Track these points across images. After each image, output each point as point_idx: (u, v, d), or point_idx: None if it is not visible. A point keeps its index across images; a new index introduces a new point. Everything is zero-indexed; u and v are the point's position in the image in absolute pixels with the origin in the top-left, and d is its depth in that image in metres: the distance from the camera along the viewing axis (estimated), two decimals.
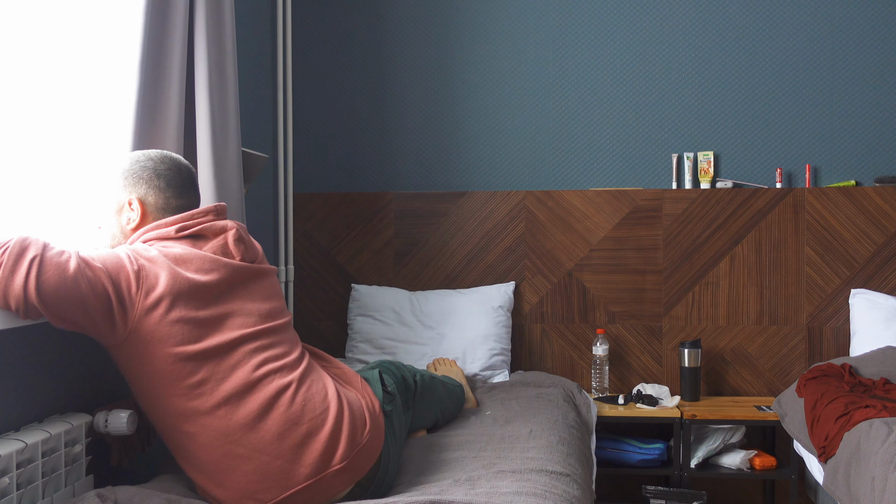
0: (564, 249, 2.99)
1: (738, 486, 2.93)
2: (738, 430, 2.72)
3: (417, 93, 3.11)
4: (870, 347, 2.63)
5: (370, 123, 3.13)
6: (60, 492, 1.50)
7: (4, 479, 1.33)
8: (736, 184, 2.96)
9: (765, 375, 2.91)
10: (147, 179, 1.59)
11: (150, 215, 1.58)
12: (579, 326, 3.00)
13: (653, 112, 3.02)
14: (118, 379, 1.84)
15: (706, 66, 3.00)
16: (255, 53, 2.78)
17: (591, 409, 2.59)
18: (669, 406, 2.72)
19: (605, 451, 2.73)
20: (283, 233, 2.97)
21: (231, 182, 2.14)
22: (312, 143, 3.15)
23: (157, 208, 1.59)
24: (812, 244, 2.89)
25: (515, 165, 3.08)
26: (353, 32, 3.14)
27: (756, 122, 2.98)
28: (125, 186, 1.59)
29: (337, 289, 3.08)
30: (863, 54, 2.92)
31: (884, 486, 1.78)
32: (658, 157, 3.03)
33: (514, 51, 3.07)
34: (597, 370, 2.88)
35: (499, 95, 3.08)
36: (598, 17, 3.04)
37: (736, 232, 2.92)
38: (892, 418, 1.99)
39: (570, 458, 1.85)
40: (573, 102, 3.06)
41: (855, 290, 2.83)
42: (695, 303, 2.94)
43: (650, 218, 2.95)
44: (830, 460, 2.08)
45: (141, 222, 1.58)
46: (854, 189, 2.87)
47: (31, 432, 1.44)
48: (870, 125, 2.92)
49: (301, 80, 3.14)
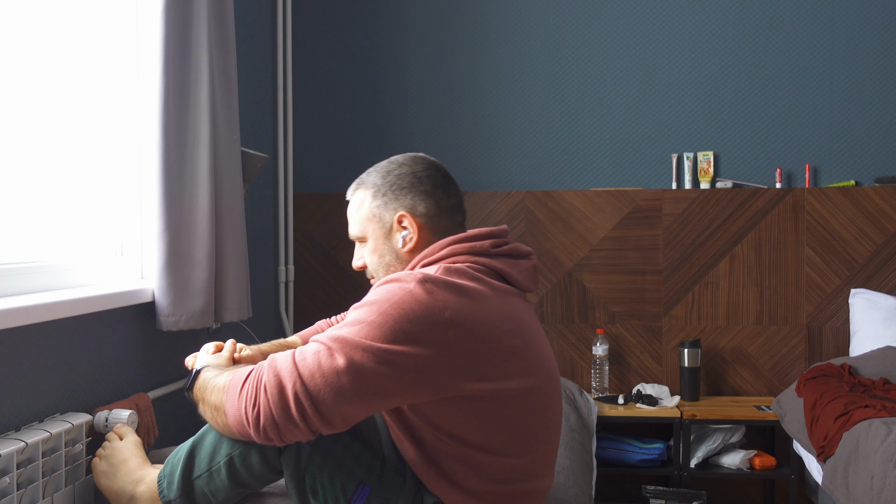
0: (564, 249, 2.99)
1: (738, 486, 2.93)
2: (737, 429, 2.72)
3: (417, 93, 3.11)
4: (869, 347, 2.63)
5: (370, 123, 3.13)
6: (60, 492, 1.50)
7: (4, 479, 1.33)
8: (736, 184, 2.96)
9: (764, 375, 2.91)
10: (410, 186, 1.37)
11: (426, 227, 1.37)
12: (579, 326, 3.00)
13: (653, 112, 3.02)
14: (118, 379, 1.84)
15: (706, 66, 3.00)
16: (255, 53, 2.78)
17: (592, 412, 2.59)
18: (669, 406, 2.73)
19: (605, 451, 2.73)
20: (283, 233, 2.98)
21: (231, 182, 2.15)
22: (312, 143, 3.15)
23: (430, 216, 1.37)
24: (812, 244, 2.89)
25: (515, 165, 3.08)
26: (353, 32, 3.14)
27: (756, 121, 2.98)
28: (387, 203, 1.38)
29: (337, 289, 3.08)
30: (863, 54, 2.92)
31: (882, 484, 1.78)
32: (658, 157, 3.03)
33: (514, 51, 3.07)
34: (597, 370, 2.88)
35: (499, 95, 3.08)
36: (598, 17, 3.04)
37: (736, 232, 2.92)
38: (891, 418, 1.99)
39: (572, 462, 1.85)
40: (573, 102, 3.06)
41: (855, 290, 2.83)
42: (695, 303, 2.94)
43: (650, 218, 2.95)
44: (830, 460, 2.09)
45: (420, 237, 1.36)
46: (854, 189, 2.87)
47: (31, 432, 1.44)
48: (870, 125, 2.92)
49: (301, 80, 3.14)
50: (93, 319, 1.74)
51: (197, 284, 1.97)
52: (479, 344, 1.19)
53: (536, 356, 1.28)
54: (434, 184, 1.38)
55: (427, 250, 1.33)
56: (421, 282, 1.18)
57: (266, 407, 1.16)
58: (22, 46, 1.66)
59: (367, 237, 1.41)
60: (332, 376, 1.13)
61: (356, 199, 1.43)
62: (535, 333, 1.31)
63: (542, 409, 1.29)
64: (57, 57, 1.78)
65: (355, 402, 1.15)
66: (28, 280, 1.63)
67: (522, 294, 1.36)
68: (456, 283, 1.21)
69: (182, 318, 1.93)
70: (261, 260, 2.81)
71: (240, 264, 2.18)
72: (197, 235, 1.99)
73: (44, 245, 1.75)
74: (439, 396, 1.19)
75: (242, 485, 1.34)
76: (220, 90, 2.11)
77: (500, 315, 1.23)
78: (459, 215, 1.41)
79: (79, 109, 1.85)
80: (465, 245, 1.31)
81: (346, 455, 1.27)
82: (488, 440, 1.23)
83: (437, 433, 1.24)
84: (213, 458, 1.33)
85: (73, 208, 1.85)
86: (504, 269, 1.31)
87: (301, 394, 1.14)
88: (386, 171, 1.40)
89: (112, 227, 1.99)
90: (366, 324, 1.16)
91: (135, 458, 1.49)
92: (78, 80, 1.85)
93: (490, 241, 1.33)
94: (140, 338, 1.94)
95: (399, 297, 1.17)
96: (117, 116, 1.99)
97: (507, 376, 1.22)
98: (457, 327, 1.16)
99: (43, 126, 1.73)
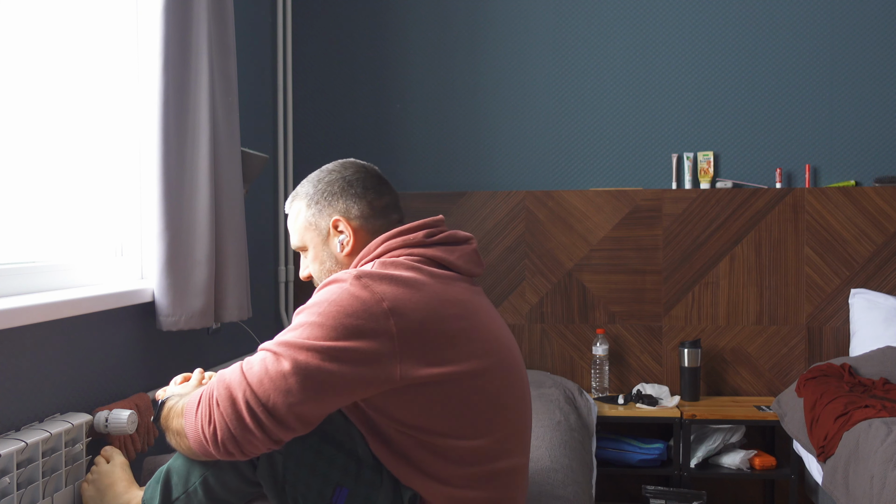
0: (564, 249, 2.99)
1: (738, 486, 2.93)
2: (737, 429, 2.72)
3: (418, 93, 3.11)
4: (869, 347, 2.63)
5: (370, 123, 3.13)
6: (60, 492, 1.50)
7: (4, 479, 1.33)
8: (736, 184, 2.96)
9: (764, 375, 2.91)
10: (340, 191, 1.40)
11: (362, 228, 1.39)
12: (579, 326, 3.00)
13: (653, 112, 3.02)
14: (118, 379, 1.84)
15: (706, 66, 3.00)
16: (255, 53, 2.78)
17: (592, 411, 2.59)
18: (669, 406, 2.72)
19: (605, 451, 2.73)
20: (283, 233, 2.98)
21: (231, 182, 2.15)
22: (312, 143, 3.15)
23: (364, 217, 1.39)
24: (812, 244, 2.89)
25: (515, 165, 3.08)
26: (353, 33, 3.14)
27: (756, 122, 2.98)
28: (321, 210, 1.40)
29: None
30: (863, 54, 2.92)
31: (882, 484, 1.78)
32: (658, 157, 3.03)
33: (514, 51, 3.07)
34: (597, 370, 2.88)
35: (499, 95, 3.08)
36: (598, 17, 3.04)
37: (736, 232, 2.92)
38: (891, 418, 1.99)
39: (572, 461, 1.85)
40: (573, 102, 3.06)
41: (855, 290, 2.83)
42: (695, 303, 2.94)
43: (650, 218, 2.95)
44: (829, 460, 2.09)
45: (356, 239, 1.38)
46: (854, 189, 2.87)
47: (31, 432, 1.44)
48: (870, 125, 2.92)
49: (301, 80, 3.14)
50: (93, 319, 1.74)
51: (197, 284, 1.97)
52: (421, 330, 1.20)
53: (486, 337, 1.29)
54: (364, 186, 1.40)
55: (364, 250, 1.36)
56: (357, 278, 1.21)
57: (221, 421, 1.17)
58: (22, 47, 1.66)
59: (308, 246, 1.44)
60: (280, 380, 1.15)
61: (293, 210, 1.45)
62: (485, 315, 1.33)
63: (498, 388, 1.30)
64: (57, 57, 1.78)
65: (307, 402, 1.16)
66: (28, 280, 1.63)
67: (469, 279, 1.38)
68: (392, 274, 1.23)
69: (182, 318, 1.93)
70: (261, 260, 2.81)
71: (240, 264, 2.18)
72: (197, 235, 1.99)
73: (44, 245, 1.75)
74: (390, 387, 1.20)
75: (221, 502, 1.35)
76: (220, 90, 2.11)
77: (441, 300, 1.24)
78: (395, 214, 1.43)
79: (79, 109, 1.86)
80: (399, 239, 1.34)
81: (318, 460, 1.27)
82: (447, 425, 1.24)
83: (398, 426, 1.25)
84: (188, 479, 1.34)
85: (73, 208, 1.85)
86: (441, 257, 1.33)
87: (252, 401, 1.15)
88: (317, 180, 1.43)
89: (112, 227, 1.99)
90: (307, 325, 1.18)
91: (122, 482, 1.51)
92: (78, 81, 1.85)
93: (424, 232, 1.35)
94: (140, 338, 1.94)
95: (337, 296, 1.19)
96: (117, 117, 1.99)
97: (456, 360, 1.23)
98: (397, 316, 1.18)
99: (43, 126, 1.74)
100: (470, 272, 1.38)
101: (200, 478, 1.33)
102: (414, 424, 1.24)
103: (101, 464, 1.55)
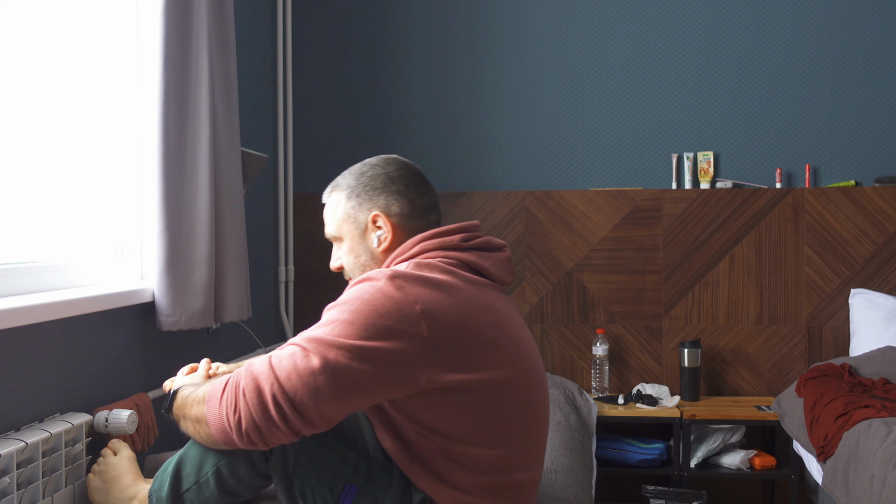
0: (564, 249, 2.99)
1: (738, 486, 2.93)
2: (737, 429, 2.72)
3: (418, 93, 3.11)
4: (869, 347, 2.63)
5: (370, 123, 3.13)
6: (60, 492, 1.50)
7: (4, 479, 1.33)
8: (736, 184, 2.96)
9: (764, 375, 2.91)
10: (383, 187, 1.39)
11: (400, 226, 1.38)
12: (579, 326, 3.00)
13: (653, 112, 3.02)
14: (118, 379, 1.84)
15: (706, 66, 3.00)
16: (255, 53, 2.78)
17: (592, 412, 2.59)
18: (669, 406, 2.72)
19: (605, 451, 2.73)
20: (283, 233, 2.98)
21: (231, 182, 2.15)
22: (312, 143, 3.15)
23: (404, 215, 1.38)
24: (812, 244, 2.89)
25: (515, 165, 3.08)
26: (353, 32, 3.14)
27: (756, 122, 2.98)
28: (361, 204, 1.39)
29: (337, 289, 3.07)
30: (863, 54, 2.92)
31: (882, 484, 1.78)
32: (658, 157, 3.03)
33: (513, 51, 3.07)
34: (597, 370, 2.88)
35: (499, 95, 3.08)
36: (598, 17, 3.04)
37: (736, 232, 2.92)
38: (891, 418, 1.99)
39: (572, 462, 1.85)
40: (573, 102, 3.06)
41: (855, 290, 2.83)
42: (695, 303, 2.94)
43: (650, 218, 2.95)
44: (829, 460, 2.09)
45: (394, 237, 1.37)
46: (854, 189, 2.87)
47: (31, 432, 1.44)
48: (870, 125, 2.92)
49: (301, 80, 3.14)
50: (93, 319, 1.74)
51: (197, 284, 1.97)
52: (453, 334, 1.19)
53: (516, 347, 1.29)
54: (407, 184, 1.39)
55: (399, 249, 1.35)
56: (391, 278, 1.20)
57: (246, 411, 1.17)
58: (22, 47, 1.66)
59: (343, 237, 1.42)
60: (308, 376, 1.14)
61: (332, 200, 1.44)
62: (514, 324, 1.32)
63: (523, 399, 1.29)
64: (57, 57, 1.78)
65: (334, 400, 1.15)
66: (28, 280, 1.63)
67: (499, 286, 1.37)
68: (426, 276, 1.22)
69: (182, 318, 1.93)
70: (261, 260, 2.81)
71: (240, 264, 2.18)
72: (197, 235, 1.99)
73: (44, 245, 1.75)
74: (417, 390, 1.19)
75: (232, 494, 1.35)
76: (220, 90, 2.11)
77: (474, 306, 1.24)
78: (434, 215, 1.42)
79: (79, 109, 1.85)
80: (436, 241, 1.32)
81: (330, 456, 1.27)
82: (470, 432, 1.24)
83: (419, 429, 1.24)
84: (200, 470, 1.33)
85: (73, 208, 1.85)
86: (476, 262, 1.32)
87: (279, 396, 1.15)
88: (360, 173, 1.42)
89: (112, 227, 1.99)
90: (338, 322, 1.17)
91: (128, 475, 1.50)
92: (78, 81, 1.85)
93: (460, 236, 1.34)
94: (140, 338, 1.94)
95: (370, 295, 1.18)
96: (117, 117, 1.99)
97: (485, 367, 1.22)
98: (429, 319, 1.17)
99: (43, 126, 1.73)
100: (502, 280, 1.37)
101: (213, 468, 1.32)
102: (435, 428, 1.23)
103: (108, 456, 1.55)
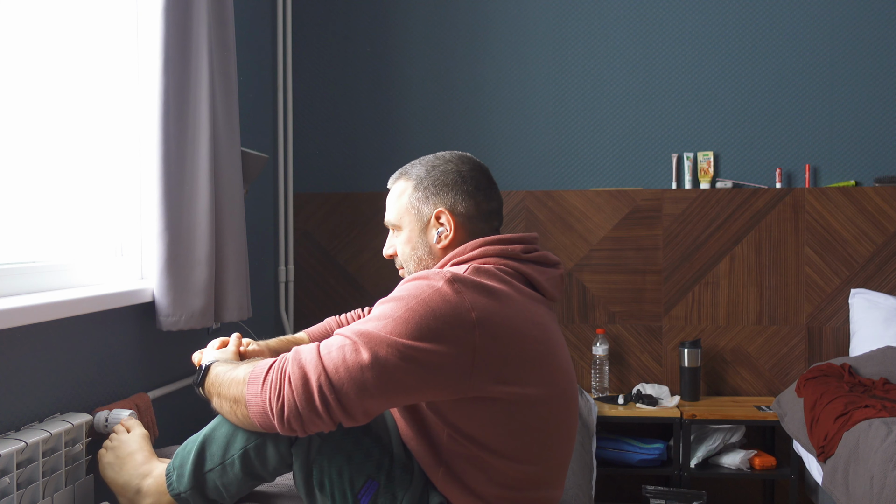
0: (564, 249, 2.99)
1: (738, 486, 2.93)
2: (737, 429, 2.72)
3: (418, 93, 3.11)
4: (869, 347, 2.63)
5: (370, 123, 3.13)
6: (60, 492, 1.50)
7: (4, 479, 1.33)
8: (736, 184, 2.96)
9: (764, 375, 2.91)
10: (453, 184, 1.37)
11: (463, 227, 1.36)
12: (579, 326, 3.00)
13: (653, 112, 3.02)
14: (118, 379, 1.84)
15: (706, 66, 3.00)
16: (255, 53, 2.78)
17: (593, 412, 2.59)
18: (669, 406, 2.72)
19: (605, 451, 2.73)
20: (283, 233, 2.98)
21: (231, 182, 2.15)
22: (312, 143, 3.15)
23: (469, 216, 1.37)
24: (812, 244, 2.89)
25: (515, 165, 3.08)
26: (353, 32, 3.14)
27: (756, 122, 2.98)
28: (428, 197, 1.38)
29: (337, 289, 3.08)
30: (863, 54, 2.92)
31: (882, 484, 1.78)
32: (658, 157, 3.03)
33: (514, 51, 3.07)
34: (597, 370, 2.88)
35: (499, 95, 3.08)
36: (598, 17, 3.04)
37: (736, 232, 2.92)
38: (891, 418, 1.99)
39: (572, 462, 1.85)
40: (573, 102, 3.06)
41: (855, 290, 2.83)
42: (695, 303, 2.94)
43: (650, 218, 2.95)
44: (829, 460, 2.09)
45: (455, 236, 1.36)
46: (854, 189, 2.87)
47: (31, 432, 1.44)
48: (870, 125, 2.92)
49: (301, 80, 3.14)
50: (93, 319, 1.74)
51: (197, 284, 1.97)
52: (503, 346, 1.19)
53: (557, 365, 1.28)
54: (477, 185, 1.38)
55: (459, 249, 1.33)
56: (450, 281, 1.18)
57: (290, 398, 1.16)
58: (22, 47, 1.66)
59: (403, 227, 1.41)
60: (357, 371, 1.14)
61: (397, 187, 1.42)
62: (558, 343, 1.32)
63: (559, 418, 1.29)
64: (57, 57, 1.78)
65: (378, 396, 1.15)
66: (28, 280, 1.63)
67: (547, 302, 1.36)
68: (484, 283, 1.21)
69: (182, 318, 1.93)
70: (261, 260, 2.81)
71: (240, 264, 2.18)
72: (197, 235, 1.99)
73: (44, 245, 1.75)
74: (459, 396, 1.19)
75: (256, 477, 1.34)
76: (220, 90, 2.11)
77: (525, 320, 1.23)
78: (496, 221, 1.41)
79: (79, 109, 1.85)
80: (497, 248, 1.31)
81: (356, 449, 1.27)
82: (503, 444, 1.23)
83: (452, 433, 1.24)
84: (227, 451, 1.32)
85: (73, 208, 1.85)
86: (532, 275, 1.31)
87: (325, 387, 1.14)
88: (431, 166, 1.40)
89: (112, 227, 1.99)
90: (392, 319, 1.16)
91: (142, 452, 1.48)
92: (78, 81, 1.85)
93: (521, 247, 1.33)
94: (140, 338, 1.94)
95: (427, 295, 1.17)
96: (117, 116, 1.99)
97: (528, 382, 1.22)
98: (483, 328, 1.16)
99: (43, 126, 1.73)
100: (553, 297, 1.36)
101: (241, 451, 1.31)
102: (470, 435, 1.23)
103: (122, 432, 1.53)
